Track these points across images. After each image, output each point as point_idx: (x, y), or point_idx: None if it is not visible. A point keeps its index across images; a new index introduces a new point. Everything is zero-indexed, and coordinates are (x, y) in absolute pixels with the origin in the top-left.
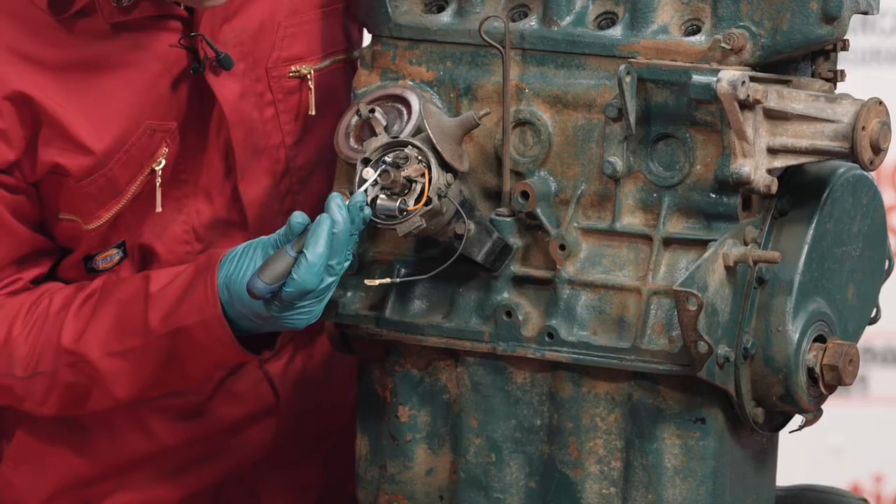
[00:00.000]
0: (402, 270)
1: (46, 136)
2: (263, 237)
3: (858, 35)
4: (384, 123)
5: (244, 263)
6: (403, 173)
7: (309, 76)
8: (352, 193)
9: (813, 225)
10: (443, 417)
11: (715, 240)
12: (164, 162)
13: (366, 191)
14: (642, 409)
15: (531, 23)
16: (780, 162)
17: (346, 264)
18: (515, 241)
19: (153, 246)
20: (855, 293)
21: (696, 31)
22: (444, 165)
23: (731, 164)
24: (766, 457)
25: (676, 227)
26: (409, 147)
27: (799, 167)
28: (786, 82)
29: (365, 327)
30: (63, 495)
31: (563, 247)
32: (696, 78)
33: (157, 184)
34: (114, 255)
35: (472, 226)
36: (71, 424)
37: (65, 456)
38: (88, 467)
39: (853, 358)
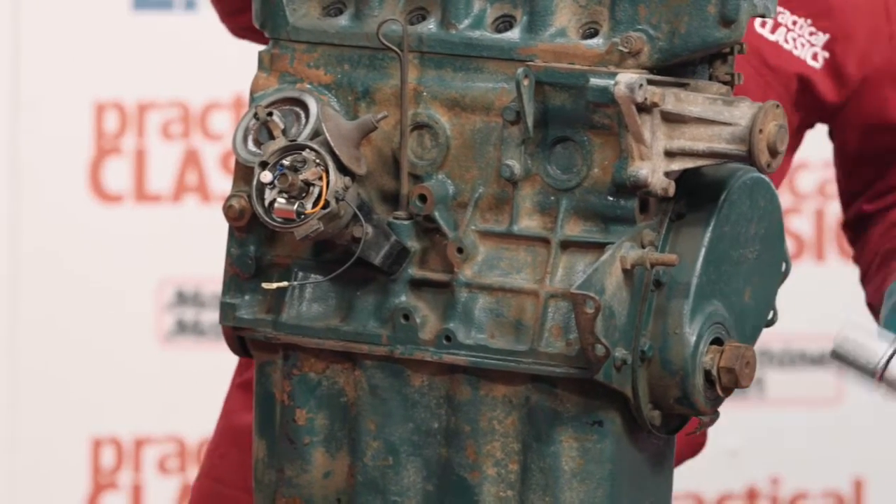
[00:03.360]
0: (300, 274)
1: None
2: None
3: None
4: (282, 127)
5: None
6: (301, 177)
7: None
8: (249, 196)
9: (710, 228)
10: (340, 421)
11: (612, 243)
12: None
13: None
14: (540, 411)
15: (429, 26)
16: (678, 165)
17: None
18: (413, 244)
19: None
20: (752, 296)
21: (594, 34)
22: (342, 169)
23: (629, 167)
24: (663, 459)
25: (574, 230)
26: (307, 150)
27: (696, 170)
28: (683, 85)
29: (262, 330)
30: None
31: (460, 250)
32: (594, 81)
33: None
34: None
35: (369, 229)
36: None
37: None
38: None
39: (750, 360)
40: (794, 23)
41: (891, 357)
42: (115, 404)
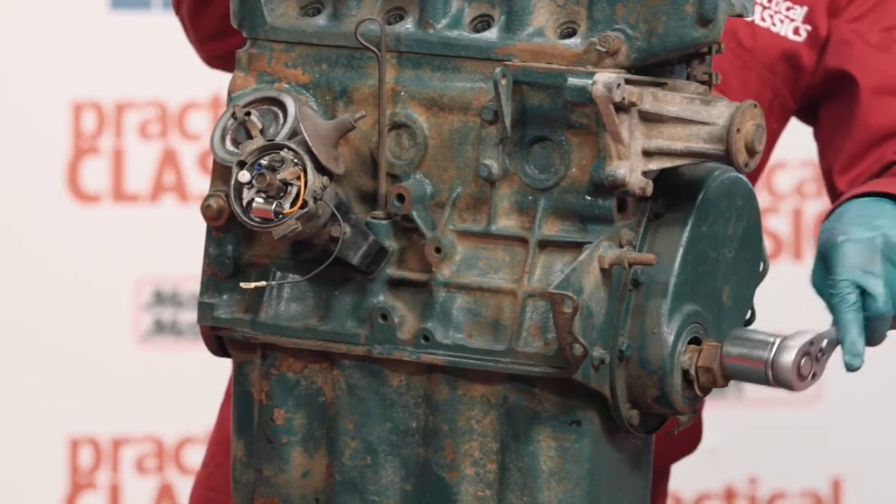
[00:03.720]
0: (278, 273)
1: None
2: None
3: None
4: (260, 126)
5: None
6: (279, 176)
7: None
8: (227, 196)
9: (688, 227)
10: (319, 420)
11: (590, 242)
12: None
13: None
14: (518, 411)
15: (407, 25)
16: (656, 164)
17: None
18: (391, 243)
19: None
20: (730, 295)
21: (572, 33)
22: (320, 168)
23: (607, 166)
24: (641, 459)
25: (552, 229)
26: (285, 150)
27: (674, 170)
28: (661, 85)
29: (240, 330)
30: None
31: (438, 249)
32: (572, 80)
33: None
34: None
35: (347, 229)
36: None
37: None
38: None
39: None
40: (770, 0)
41: (773, 360)
42: (92, 404)
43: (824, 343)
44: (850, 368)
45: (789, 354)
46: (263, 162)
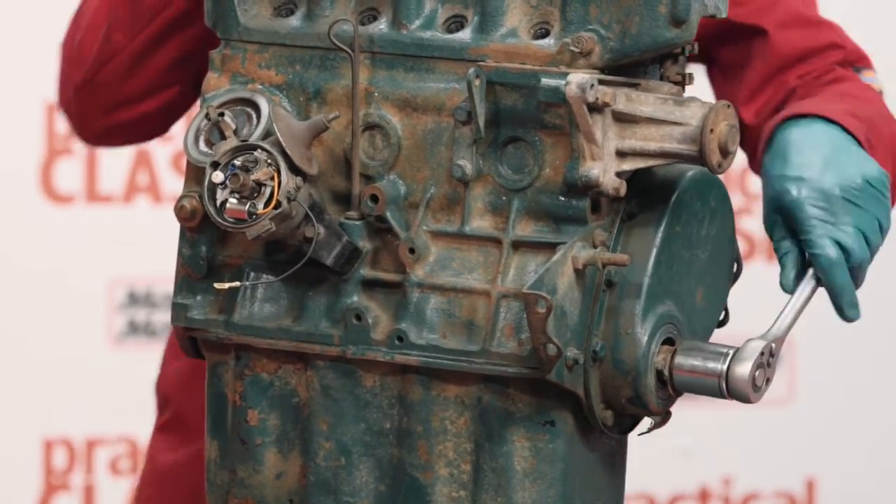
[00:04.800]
0: (252, 274)
1: None
2: None
3: None
4: (234, 127)
5: None
6: (253, 177)
7: None
8: (201, 196)
9: (661, 228)
10: (293, 421)
11: (564, 243)
12: None
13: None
14: (492, 411)
15: (380, 26)
16: (629, 165)
17: None
18: (365, 244)
19: None
20: (704, 296)
21: (545, 34)
22: (294, 169)
23: (580, 167)
24: (615, 459)
25: (525, 230)
26: (259, 150)
27: (648, 170)
28: (634, 85)
29: (214, 331)
30: None
31: (412, 250)
32: (545, 81)
33: None
34: None
35: (321, 229)
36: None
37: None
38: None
39: None
40: None
41: (727, 373)
42: (66, 405)
43: (773, 347)
44: (851, 320)
45: (744, 367)
46: (237, 162)
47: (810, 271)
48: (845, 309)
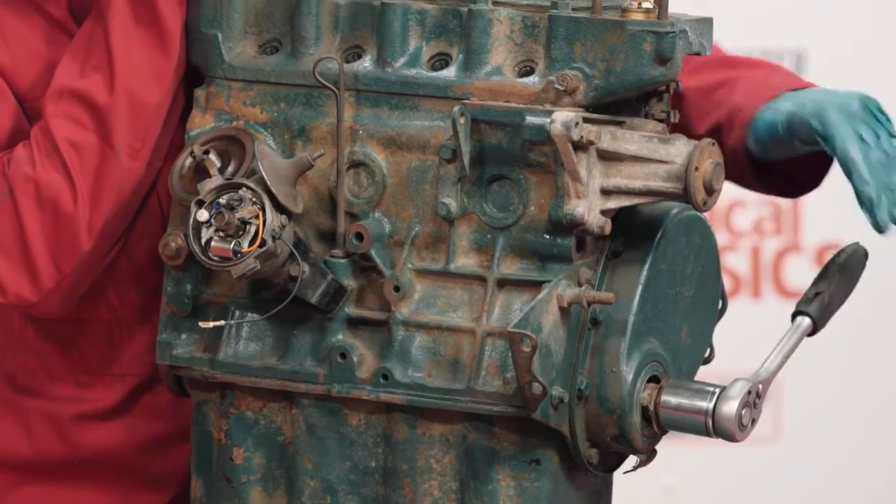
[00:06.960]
0: (237, 312)
1: None
2: None
3: None
4: (218, 165)
5: None
6: (238, 215)
7: None
8: (186, 235)
9: (646, 266)
10: (278, 459)
11: (549, 281)
12: None
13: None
14: (477, 450)
15: (365, 64)
16: (614, 203)
17: None
18: (350, 282)
19: None
20: (689, 333)
21: (530, 72)
22: (279, 207)
23: (565, 205)
24: (600, 498)
25: (510, 268)
26: (244, 189)
27: (633, 208)
28: (619, 123)
29: (199, 369)
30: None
31: (397, 288)
32: (530, 119)
33: None
34: None
35: (306, 268)
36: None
37: None
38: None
39: None
40: None
41: (714, 412)
42: None
43: (760, 388)
44: (881, 226)
45: (731, 405)
46: (222, 201)
47: (799, 319)
48: (875, 212)
